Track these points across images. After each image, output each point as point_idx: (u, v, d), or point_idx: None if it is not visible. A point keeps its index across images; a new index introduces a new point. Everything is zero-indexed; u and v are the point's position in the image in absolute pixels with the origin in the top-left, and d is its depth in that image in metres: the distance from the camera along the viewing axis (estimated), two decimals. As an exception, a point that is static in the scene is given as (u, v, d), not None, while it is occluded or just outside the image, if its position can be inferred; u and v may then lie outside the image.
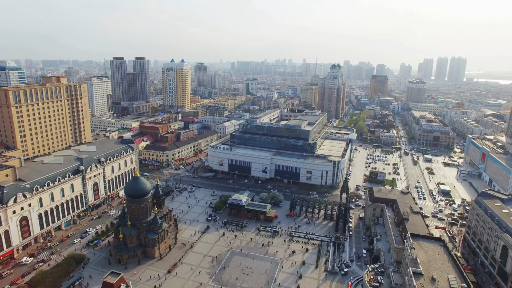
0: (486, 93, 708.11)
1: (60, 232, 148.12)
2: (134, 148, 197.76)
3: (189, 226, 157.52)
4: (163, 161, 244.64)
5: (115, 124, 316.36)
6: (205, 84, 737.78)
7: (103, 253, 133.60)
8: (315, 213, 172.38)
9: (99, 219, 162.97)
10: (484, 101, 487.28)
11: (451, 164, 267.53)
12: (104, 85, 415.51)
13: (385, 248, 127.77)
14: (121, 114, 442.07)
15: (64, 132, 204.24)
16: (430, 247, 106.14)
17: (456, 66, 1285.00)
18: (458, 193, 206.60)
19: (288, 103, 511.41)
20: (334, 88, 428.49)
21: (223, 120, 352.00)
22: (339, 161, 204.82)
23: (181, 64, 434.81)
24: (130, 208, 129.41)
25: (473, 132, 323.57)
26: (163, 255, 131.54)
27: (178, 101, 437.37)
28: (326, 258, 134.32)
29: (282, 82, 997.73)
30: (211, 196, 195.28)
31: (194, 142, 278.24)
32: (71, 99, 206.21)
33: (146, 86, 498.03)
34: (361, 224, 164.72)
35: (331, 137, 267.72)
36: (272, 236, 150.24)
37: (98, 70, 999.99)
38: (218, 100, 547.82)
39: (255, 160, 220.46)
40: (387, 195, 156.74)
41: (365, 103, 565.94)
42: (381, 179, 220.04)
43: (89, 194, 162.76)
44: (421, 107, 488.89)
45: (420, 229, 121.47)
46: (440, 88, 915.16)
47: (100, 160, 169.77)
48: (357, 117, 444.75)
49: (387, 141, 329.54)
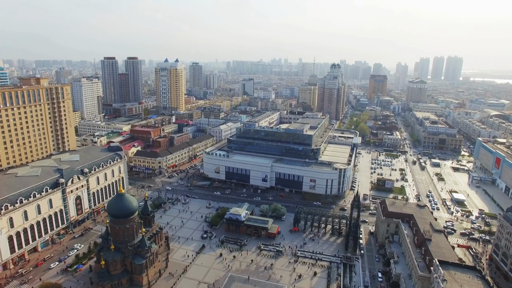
0: (485, 92, 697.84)
1: (36, 254, 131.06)
2: (122, 156, 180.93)
3: (182, 245, 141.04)
4: (155, 168, 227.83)
5: (104, 127, 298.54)
6: (200, 85, 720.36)
7: (83, 280, 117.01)
8: (321, 228, 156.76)
9: (82, 237, 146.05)
10: (487, 101, 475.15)
11: (460, 169, 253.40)
12: (94, 86, 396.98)
13: (405, 273, 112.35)
14: (113, 116, 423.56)
15: (45, 139, 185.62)
16: (464, 278, 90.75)
17: (453, 65, 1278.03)
18: (474, 202, 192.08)
19: (286, 104, 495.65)
20: (334, 88, 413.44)
21: (219, 122, 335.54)
22: (345, 168, 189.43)
23: (175, 64, 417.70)
24: (113, 230, 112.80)
25: (481, 134, 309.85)
26: (152, 283, 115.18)
27: (172, 103, 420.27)
28: (337, 284, 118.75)
29: (278, 82, 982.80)
30: (207, 208, 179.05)
31: (188, 147, 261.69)
32: (52, 102, 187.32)
33: (139, 87, 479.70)
34: (373, 240, 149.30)
35: (334, 142, 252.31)
36: (275, 256, 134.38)
37: (92, 70, 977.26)
38: (214, 101, 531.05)
39: (254, 167, 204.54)
40: (402, 209, 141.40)
41: (365, 104, 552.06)
42: (390, 187, 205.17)
43: (70, 209, 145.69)
44: (422, 108, 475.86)
45: (447, 253, 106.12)
46: (438, 87, 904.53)
47: (84, 170, 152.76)
48: (358, 118, 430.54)
49: (391, 144, 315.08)
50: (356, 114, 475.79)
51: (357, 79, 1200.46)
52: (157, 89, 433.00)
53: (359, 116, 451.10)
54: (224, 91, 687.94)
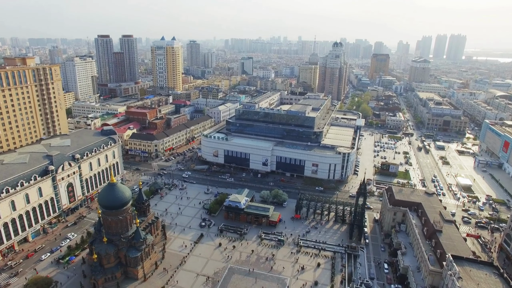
0: (489, 72, 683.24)
1: (27, 245, 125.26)
2: (116, 140, 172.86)
3: (179, 234, 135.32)
4: (151, 152, 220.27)
5: (99, 109, 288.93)
6: (198, 63, 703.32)
7: (76, 273, 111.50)
8: (324, 215, 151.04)
9: (76, 226, 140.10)
10: (492, 81, 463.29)
11: (466, 152, 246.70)
12: (88, 65, 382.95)
13: (413, 266, 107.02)
14: (108, 97, 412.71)
15: (34, 123, 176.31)
16: (481, 276, 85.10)
17: (455, 44, 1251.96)
18: (480, 187, 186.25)
19: (286, 84, 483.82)
20: (336, 68, 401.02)
21: (217, 103, 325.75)
22: (349, 153, 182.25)
23: (172, 42, 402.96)
24: (106, 222, 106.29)
25: (487, 116, 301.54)
26: (148, 275, 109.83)
27: (169, 82, 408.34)
28: (341, 275, 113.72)
29: (278, 60, 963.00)
30: (205, 194, 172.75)
31: (186, 129, 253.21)
32: (40, 84, 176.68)
33: (134, 66, 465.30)
34: (378, 228, 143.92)
35: (337, 124, 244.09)
36: (277, 246, 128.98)
37: (88, 49, 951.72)
38: (212, 80, 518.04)
39: (254, 151, 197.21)
40: (409, 197, 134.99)
41: (366, 83, 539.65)
42: (394, 171, 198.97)
43: (62, 197, 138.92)
44: (425, 88, 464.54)
45: (459, 246, 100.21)
46: (440, 67, 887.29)
47: (75, 156, 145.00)
48: (359, 98, 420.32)
49: (394, 126, 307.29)
50: (357, 94, 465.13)
51: (358, 58, 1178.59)
52: (153, 68, 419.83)
53: (361, 96, 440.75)
54: (222, 70, 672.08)
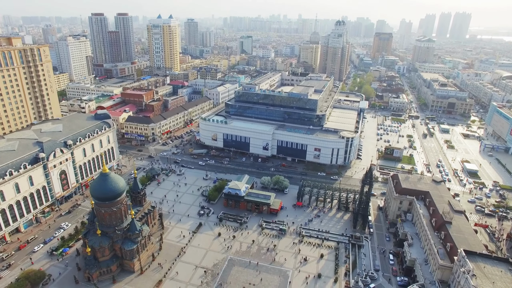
0: (494, 51, 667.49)
1: (19, 235, 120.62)
2: (111, 125, 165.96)
3: (177, 223, 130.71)
4: (148, 135, 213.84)
5: (94, 90, 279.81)
6: (196, 42, 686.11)
7: (70, 265, 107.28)
8: (327, 202, 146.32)
9: (70, 215, 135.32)
10: (498, 61, 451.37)
11: (471, 135, 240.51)
12: (82, 45, 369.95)
13: (420, 258, 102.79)
14: (105, 77, 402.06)
15: (23, 107, 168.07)
16: (496, 273, 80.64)
17: (459, 22, 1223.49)
18: (487, 173, 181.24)
19: (286, 64, 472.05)
20: (339, 47, 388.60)
21: (216, 84, 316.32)
22: (352, 137, 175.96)
23: (169, 21, 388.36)
24: (99, 214, 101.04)
25: (493, 98, 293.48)
26: (144, 268, 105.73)
27: (166, 62, 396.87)
28: (346, 267, 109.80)
29: (277, 39, 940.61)
30: (204, 180, 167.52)
31: (183, 112, 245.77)
32: (28, 66, 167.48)
33: (130, 45, 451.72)
34: (382, 216, 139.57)
35: (339, 106, 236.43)
36: (278, 236, 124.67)
37: (82, 28, 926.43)
38: (211, 60, 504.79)
39: (254, 135, 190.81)
40: (416, 185, 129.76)
41: (369, 63, 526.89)
42: (398, 156, 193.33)
43: (55, 185, 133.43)
44: (429, 68, 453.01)
45: (471, 240, 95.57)
46: (444, 46, 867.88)
47: (67, 143, 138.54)
48: (362, 79, 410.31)
49: (397, 108, 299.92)
50: (359, 75, 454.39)
51: (359, 37, 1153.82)
52: (150, 48, 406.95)
53: (363, 77, 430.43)
54: (221, 49, 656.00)
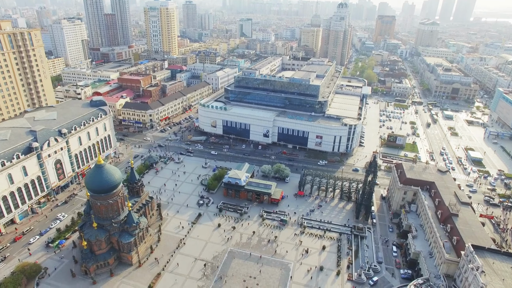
0: (499, 34, 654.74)
1: (14, 227, 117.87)
2: (107, 112, 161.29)
3: (176, 214, 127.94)
4: (145, 122, 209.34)
5: (90, 75, 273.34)
6: (195, 25, 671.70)
7: (67, 258, 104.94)
8: (329, 192, 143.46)
9: (66, 205, 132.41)
10: (504, 45, 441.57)
11: (475, 122, 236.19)
12: (77, 28, 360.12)
13: (425, 251, 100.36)
14: (102, 62, 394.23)
15: (15, 94, 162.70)
16: (506, 270, 78.04)
17: (464, 4, 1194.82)
18: (491, 161, 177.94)
19: (286, 47, 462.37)
20: (341, 31, 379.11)
21: (215, 68, 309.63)
22: (355, 124, 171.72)
23: (166, 3, 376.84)
24: (95, 206, 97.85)
25: (498, 83, 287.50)
26: (142, 260, 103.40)
27: (164, 46, 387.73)
28: (348, 259, 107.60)
29: (278, 22, 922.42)
30: (203, 168, 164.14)
31: (182, 97, 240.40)
32: (19, 51, 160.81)
33: (127, 28, 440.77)
34: (385, 206, 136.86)
35: (341, 92, 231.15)
36: (279, 227, 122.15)
37: (77, 10, 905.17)
38: (210, 43, 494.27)
39: (254, 122, 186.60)
40: (421, 175, 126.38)
41: (371, 47, 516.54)
42: (401, 143, 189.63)
43: (50, 175, 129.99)
44: (432, 52, 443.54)
45: (478, 233, 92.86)
46: (447, 29, 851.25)
47: (62, 131, 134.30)
48: (363, 63, 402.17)
49: (400, 93, 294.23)
50: (361, 59, 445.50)
51: (361, 20, 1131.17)
52: (147, 31, 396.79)
53: (365, 61, 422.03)
54: (220, 32, 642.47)
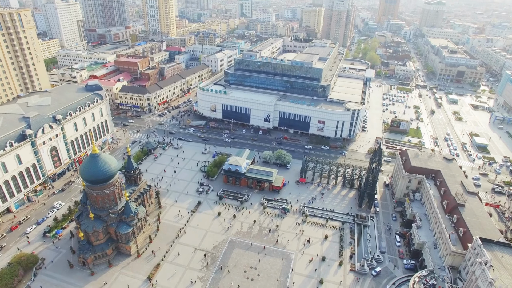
0: (507, 14, 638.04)
1: (10, 215, 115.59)
2: (103, 97, 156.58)
3: (175, 202, 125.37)
4: (143, 106, 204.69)
5: (86, 58, 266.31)
6: (193, 5, 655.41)
7: (64, 248, 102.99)
8: (331, 179, 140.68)
9: (63, 193, 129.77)
10: None
11: (480, 106, 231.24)
12: (72, 8, 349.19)
13: (429, 242, 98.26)
14: (98, 43, 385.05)
15: (7, 79, 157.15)
16: (514, 265, 76.10)
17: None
18: (497, 147, 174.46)
19: (288, 28, 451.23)
20: (344, 11, 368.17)
21: (214, 50, 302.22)
22: (358, 109, 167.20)
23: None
24: (91, 196, 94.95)
25: (506, 66, 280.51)
26: (141, 250, 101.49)
27: (162, 27, 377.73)
28: (351, 249, 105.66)
29: (278, 1, 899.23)
30: (202, 154, 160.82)
31: (181, 80, 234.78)
32: (9, 33, 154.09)
33: (124, 8, 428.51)
34: (388, 194, 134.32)
35: (344, 75, 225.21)
36: (281, 215, 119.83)
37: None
38: (209, 24, 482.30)
39: (255, 106, 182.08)
40: (426, 163, 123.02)
41: (374, 28, 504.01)
42: (405, 128, 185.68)
43: (45, 163, 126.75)
44: (437, 33, 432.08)
45: (485, 225, 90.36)
46: (452, 9, 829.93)
47: (56, 117, 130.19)
48: (366, 45, 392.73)
49: (404, 76, 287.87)
50: (364, 40, 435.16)
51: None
52: (144, 11, 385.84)
53: (367, 42, 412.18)
54: (219, 13, 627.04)
